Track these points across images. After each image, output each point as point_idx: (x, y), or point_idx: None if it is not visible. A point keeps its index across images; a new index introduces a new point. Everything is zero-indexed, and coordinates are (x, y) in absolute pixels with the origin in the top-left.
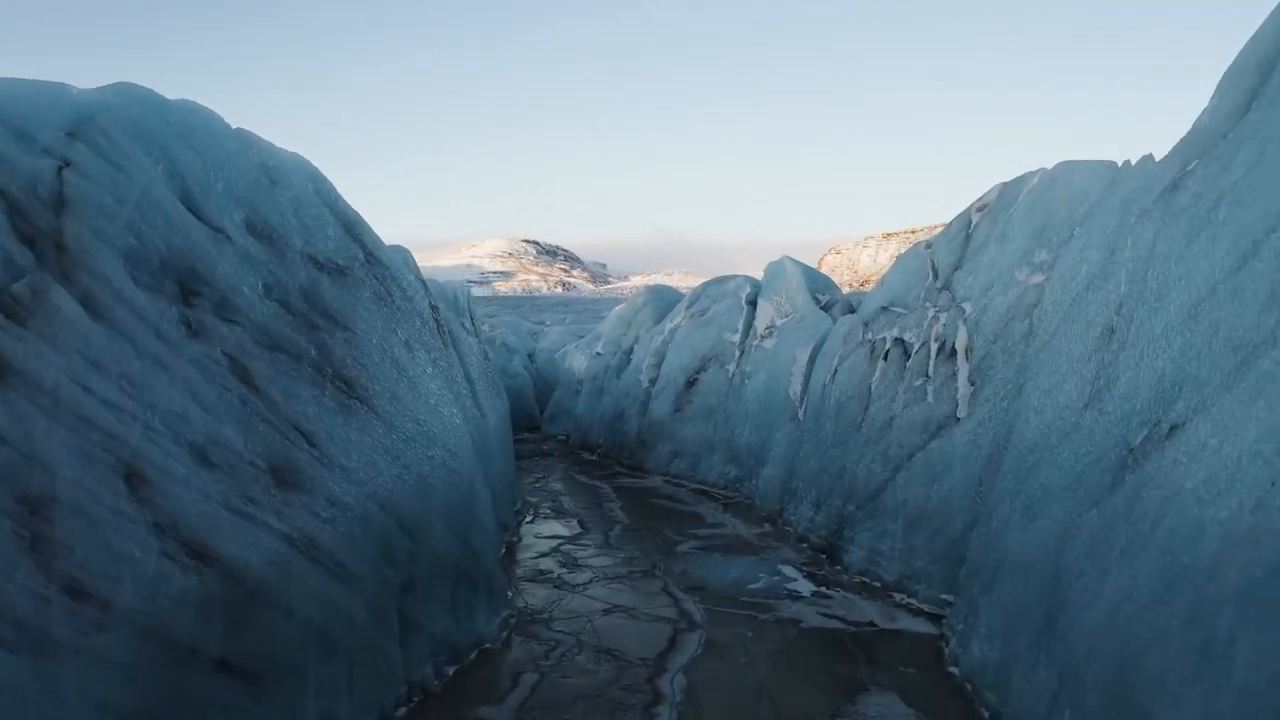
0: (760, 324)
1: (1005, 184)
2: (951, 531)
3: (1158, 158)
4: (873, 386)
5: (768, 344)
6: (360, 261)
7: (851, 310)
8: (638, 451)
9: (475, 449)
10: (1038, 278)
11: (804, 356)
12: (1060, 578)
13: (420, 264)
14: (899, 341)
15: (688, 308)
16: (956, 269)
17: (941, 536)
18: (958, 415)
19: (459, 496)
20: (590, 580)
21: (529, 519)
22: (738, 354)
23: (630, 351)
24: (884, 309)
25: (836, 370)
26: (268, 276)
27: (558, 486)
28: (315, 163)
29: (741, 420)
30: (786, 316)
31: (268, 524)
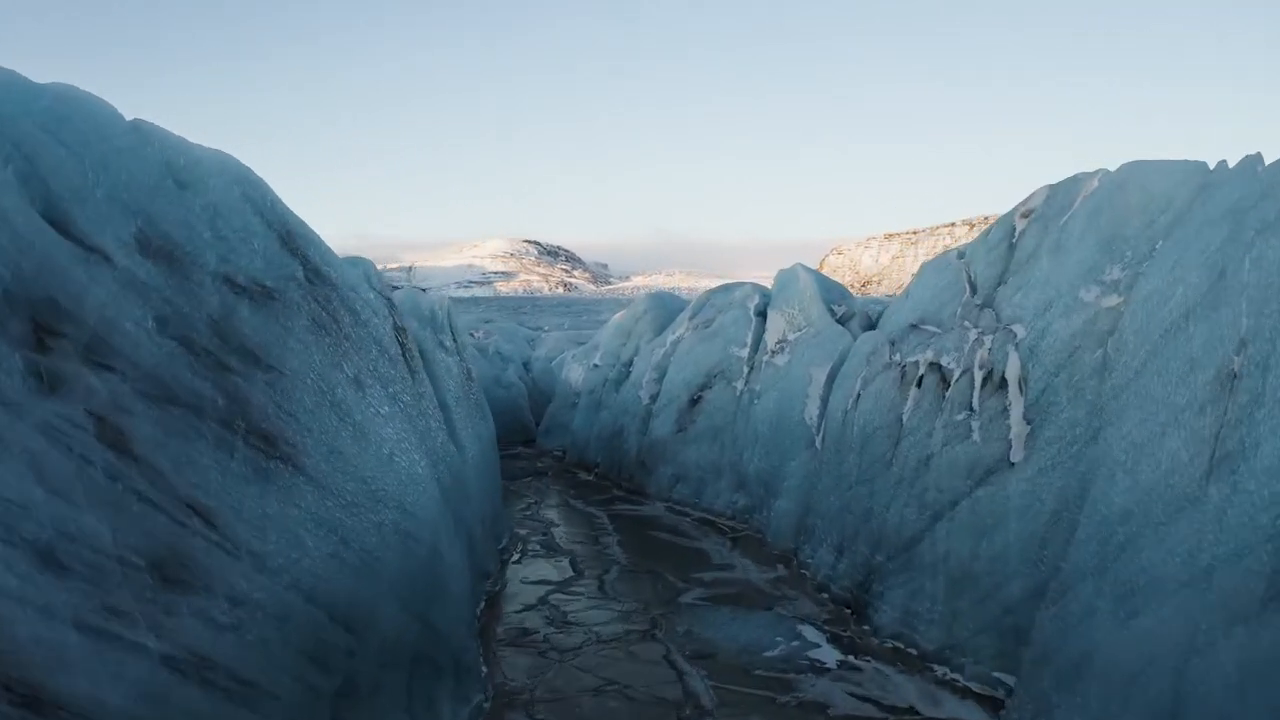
0: (771, 338)
1: (1054, 186)
2: (1005, 598)
3: (1205, 156)
4: (904, 418)
5: (779, 360)
6: (298, 281)
7: (871, 325)
8: (637, 474)
9: (447, 496)
10: (1111, 299)
11: (821, 376)
12: (1185, 705)
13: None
14: (934, 367)
15: (691, 318)
16: (1000, 284)
17: (992, 602)
18: (1011, 459)
19: (417, 566)
20: (581, 644)
21: (516, 557)
22: (746, 370)
23: (630, 364)
24: (914, 327)
25: (859, 395)
26: (163, 307)
27: (550, 514)
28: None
29: (750, 444)
30: (800, 330)
31: (140, 644)
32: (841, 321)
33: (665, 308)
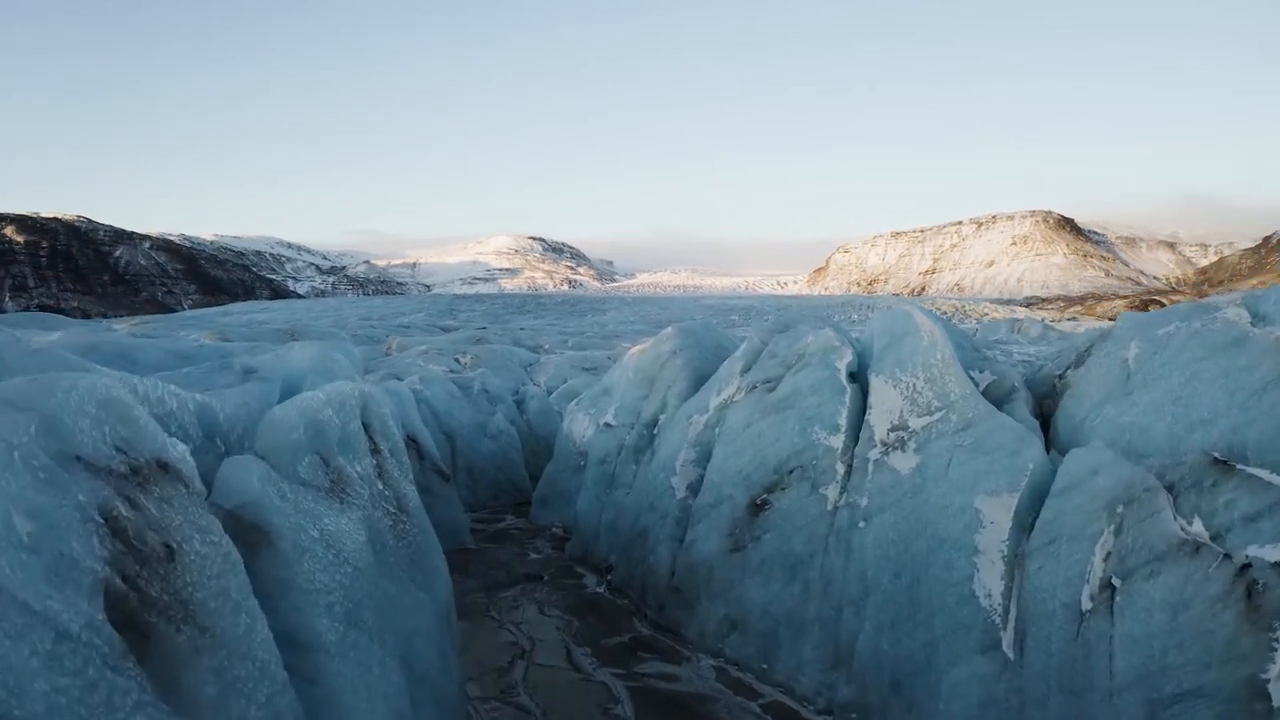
0: (880, 422)
1: None
2: None
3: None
4: (1269, 681)
5: (901, 462)
6: None
7: (1041, 415)
8: (670, 602)
9: None
10: None
11: (999, 515)
12: None
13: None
14: None
15: (744, 372)
16: None
17: None
18: None
19: None
20: None
21: None
22: (842, 471)
23: (654, 424)
24: (1221, 466)
25: (1119, 593)
26: None
27: (535, 675)
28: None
29: (857, 596)
30: (932, 415)
31: None
32: (998, 401)
33: (701, 347)
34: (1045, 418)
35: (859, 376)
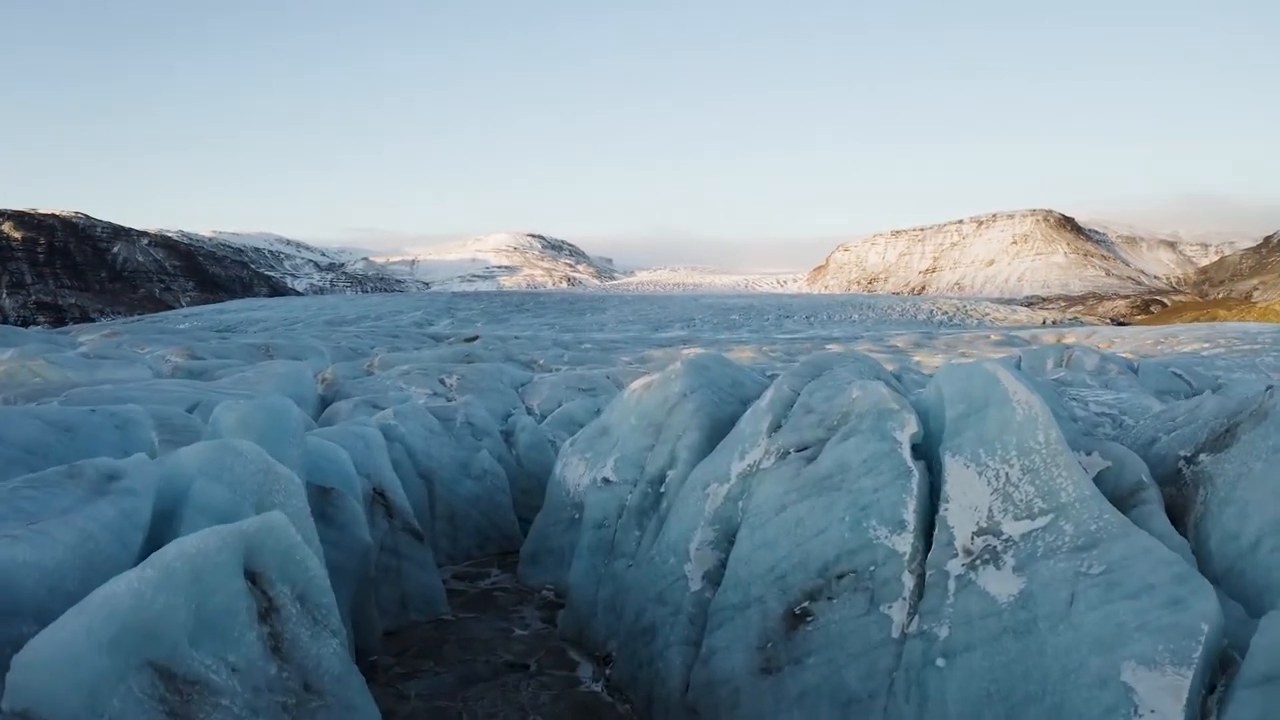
0: (961, 521)
1: None
2: None
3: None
4: None
5: (993, 582)
6: None
7: (1175, 501)
8: None
9: None
10: None
11: (1163, 698)
12: None
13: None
14: None
15: (772, 431)
16: None
17: None
18: None
19: None
20: None
21: None
22: (910, 584)
23: (661, 481)
24: None
25: None
26: None
27: None
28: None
29: None
30: (1034, 519)
31: None
32: (1118, 501)
33: (715, 386)
34: (1170, 514)
35: (923, 450)
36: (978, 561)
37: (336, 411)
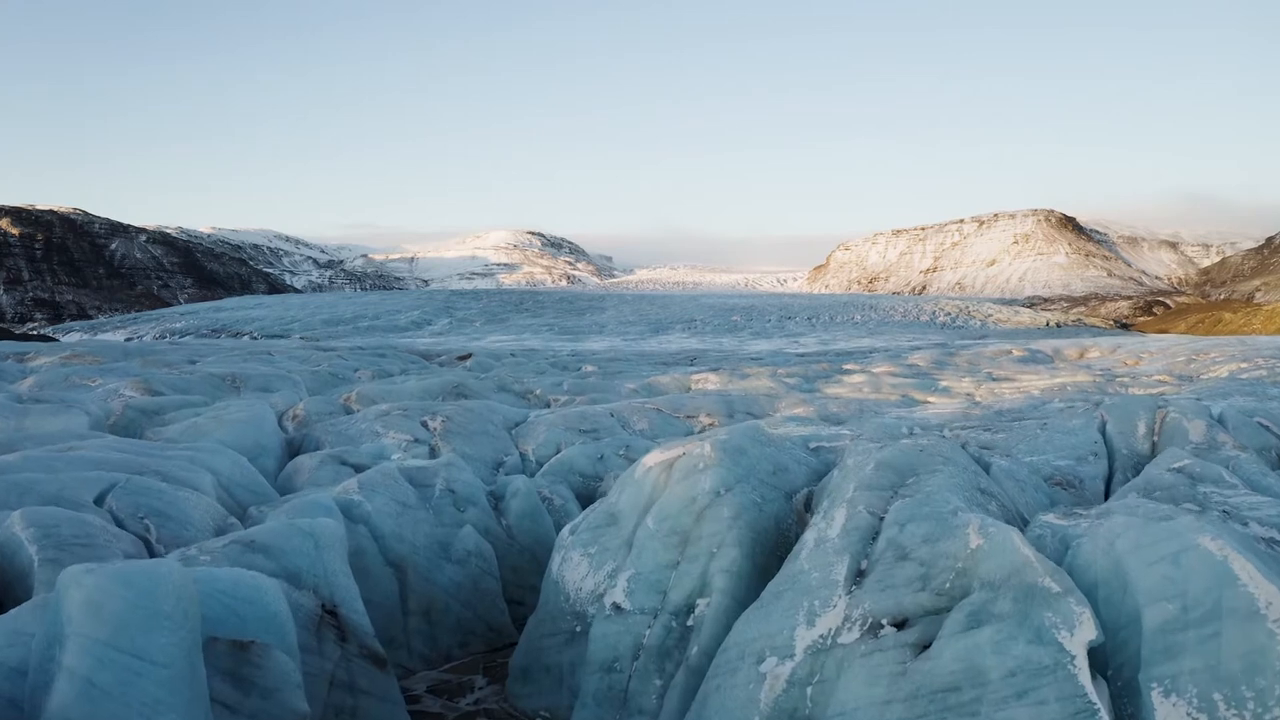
0: None
1: None
2: None
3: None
4: None
5: None
6: None
7: None
8: None
9: None
10: None
11: None
12: None
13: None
14: None
15: (852, 580)
16: None
17: None
18: None
19: None
20: None
21: None
22: None
23: (689, 611)
24: None
25: None
26: None
27: None
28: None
29: None
30: None
31: None
32: None
33: (754, 477)
34: None
35: (1097, 658)
36: None
37: (299, 469)
